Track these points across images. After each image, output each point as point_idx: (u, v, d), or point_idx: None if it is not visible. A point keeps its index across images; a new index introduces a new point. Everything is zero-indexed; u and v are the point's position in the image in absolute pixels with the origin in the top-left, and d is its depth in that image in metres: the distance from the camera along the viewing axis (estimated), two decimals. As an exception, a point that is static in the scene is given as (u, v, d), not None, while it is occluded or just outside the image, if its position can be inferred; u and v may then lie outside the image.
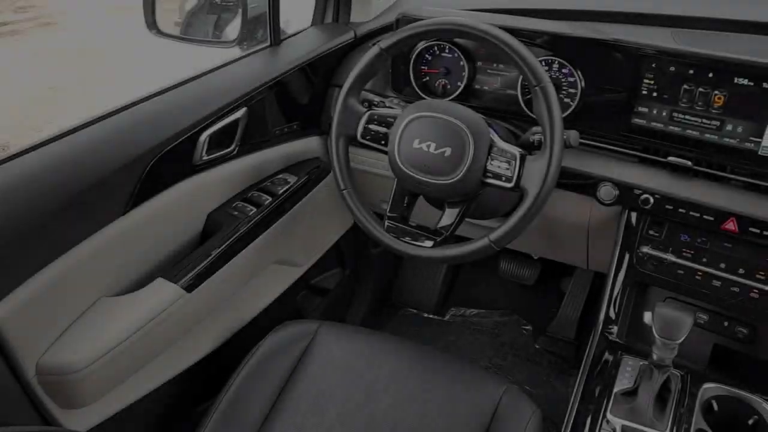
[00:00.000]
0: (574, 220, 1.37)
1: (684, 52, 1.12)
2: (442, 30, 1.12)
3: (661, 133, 1.17)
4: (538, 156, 1.07)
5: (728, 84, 1.08)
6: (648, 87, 1.16)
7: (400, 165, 1.14)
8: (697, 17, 1.33)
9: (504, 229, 1.08)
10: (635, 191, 1.22)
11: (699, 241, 1.20)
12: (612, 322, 1.28)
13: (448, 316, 2.18)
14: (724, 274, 1.17)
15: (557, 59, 1.24)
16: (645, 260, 1.25)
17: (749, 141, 1.09)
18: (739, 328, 1.24)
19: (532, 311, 2.15)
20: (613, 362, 1.20)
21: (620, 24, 1.38)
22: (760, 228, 1.12)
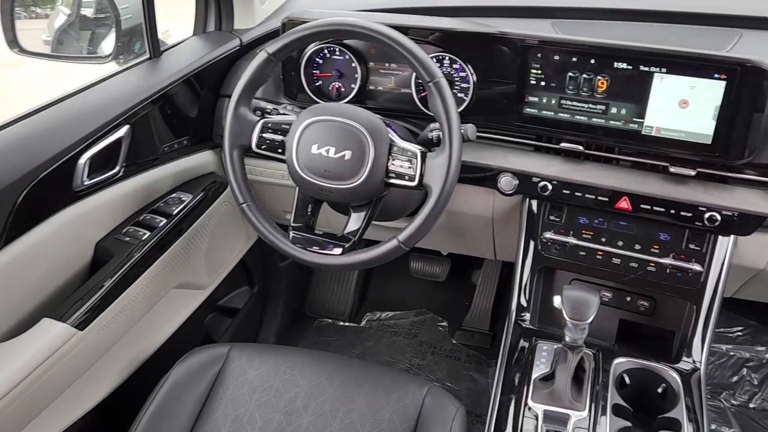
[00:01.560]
0: (478, 212, 1.39)
1: (565, 40, 1.16)
2: (330, 31, 1.10)
3: (551, 120, 1.20)
4: (439, 152, 1.07)
5: (609, 69, 1.12)
6: (536, 77, 1.18)
7: (300, 172, 1.10)
8: (575, 7, 1.38)
9: (412, 229, 1.06)
10: (533, 179, 1.25)
11: (596, 221, 1.24)
12: (524, 310, 1.31)
13: (364, 322, 2.15)
14: (623, 252, 1.22)
15: (448, 55, 1.24)
16: (549, 245, 1.28)
17: (633, 122, 1.14)
18: (640, 302, 1.29)
19: (446, 307, 2.17)
20: (528, 349, 1.21)
21: (505, 18, 1.41)
22: (650, 204, 1.18)
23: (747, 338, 1.88)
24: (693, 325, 1.19)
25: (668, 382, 1.14)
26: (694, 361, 1.19)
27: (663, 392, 1.14)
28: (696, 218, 1.15)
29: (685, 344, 1.20)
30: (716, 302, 1.18)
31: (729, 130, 1.07)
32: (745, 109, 1.05)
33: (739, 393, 1.78)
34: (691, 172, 1.14)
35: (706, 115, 1.08)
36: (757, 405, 1.76)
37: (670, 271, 1.19)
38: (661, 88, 1.10)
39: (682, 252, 1.19)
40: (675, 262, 1.18)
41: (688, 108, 1.09)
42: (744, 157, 1.08)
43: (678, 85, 1.09)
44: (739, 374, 1.82)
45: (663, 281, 1.20)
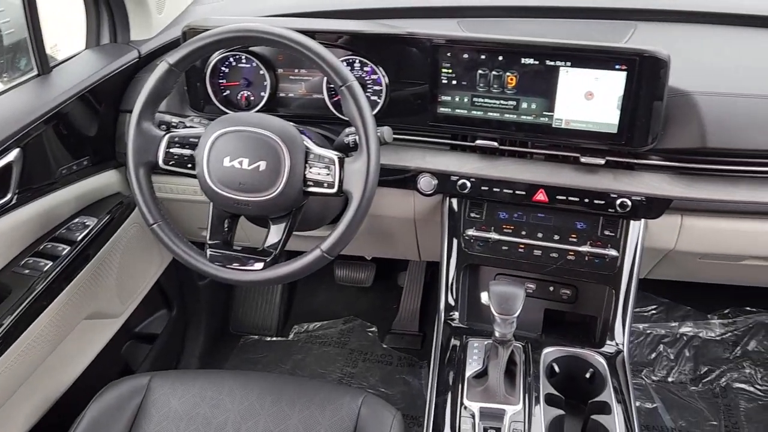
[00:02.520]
0: (400, 215, 1.38)
1: (473, 39, 1.17)
2: (234, 38, 1.05)
3: (465, 118, 1.21)
4: (356, 157, 1.05)
5: (517, 65, 1.14)
6: (447, 76, 1.19)
7: (213, 187, 1.05)
8: (480, 6, 1.40)
9: (335, 237, 1.04)
10: (452, 178, 1.25)
11: (516, 216, 1.26)
12: (452, 309, 1.31)
13: (292, 335, 2.10)
14: (543, 243, 1.25)
15: (358, 58, 1.23)
16: (472, 243, 1.28)
17: (543, 116, 1.16)
18: (563, 291, 1.33)
19: (374, 312, 2.15)
20: (460, 347, 1.21)
21: (413, 19, 1.42)
22: (565, 195, 1.21)
23: (661, 315, 1.97)
24: (613, 308, 1.23)
25: (595, 366, 1.17)
26: (617, 343, 1.23)
27: (591, 377, 1.17)
28: (608, 205, 1.19)
29: (608, 328, 1.24)
30: (633, 284, 1.22)
31: (632, 119, 1.11)
32: (645, 98, 1.10)
33: (658, 369, 1.87)
34: (601, 161, 1.18)
35: (611, 105, 1.12)
36: (674, 378, 1.85)
37: (588, 258, 1.22)
38: (567, 82, 1.13)
39: (598, 239, 1.22)
40: (592, 249, 1.22)
41: (593, 99, 1.13)
42: (648, 144, 1.13)
43: (582, 77, 1.12)
44: (656, 351, 1.91)
45: (582, 268, 1.23)
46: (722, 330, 1.93)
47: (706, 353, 1.89)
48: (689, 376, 1.85)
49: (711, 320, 1.95)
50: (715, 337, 1.92)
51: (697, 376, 1.85)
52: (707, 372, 1.85)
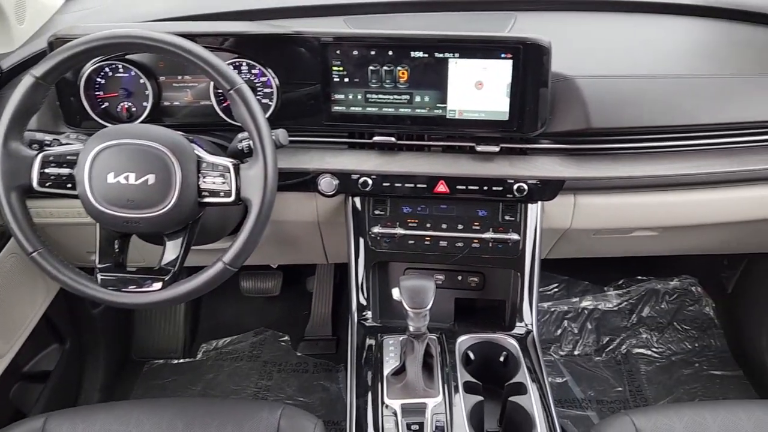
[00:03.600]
0: (303, 219, 1.35)
1: (361, 35, 1.16)
2: (107, 45, 0.98)
3: (361, 116, 1.20)
4: (252, 162, 1.01)
5: (407, 59, 1.14)
6: (338, 74, 1.17)
7: (98, 206, 0.98)
8: (366, 3, 1.39)
9: (237, 247, 0.99)
10: (353, 176, 1.23)
11: (419, 209, 1.27)
12: (364, 308, 1.29)
13: (200, 355, 2.01)
14: (448, 234, 1.26)
15: (245, 61, 1.18)
16: (378, 240, 1.27)
17: (437, 108, 1.17)
18: (471, 278, 1.35)
19: (285, 321, 2.10)
20: (376, 346, 1.20)
21: (298, 18, 1.39)
22: (465, 184, 1.22)
23: (563, 293, 2.06)
24: (520, 291, 1.27)
25: (508, 349, 1.20)
26: (526, 324, 1.26)
27: (505, 360, 1.19)
28: (506, 191, 1.22)
29: (516, 310, 1.27)
30: (536, 266, 1.26)
31: (522, 105, 1.14)
32: (532, 84, 1.13)
33: (564, 344, 1.95)
34: (495, 149, 1.20)
35: (500, 94, 1.15)
36: (580, 351, 1.94)
37: (492, 244, 1.25)
38: (457, 73, 1.14)
39: (499, 224, 1.25)
40: (495, 235, 1.24)
41: (483, 89, 1.15)
42: (538, 129, 1.17)
43: (471, 68, 1.14)
44: (561, 327, 1.99)
45: (488, 255, 1.26)
46: (618, 300, 2.05)
47: (606, 324, 2.00)
48: (593, 347, 1.95)
49: (608, 292, 2.06)
50: (612, 307, 2.04)
51: (600, 346, 1.95)
52: (609, 341, 1.96)
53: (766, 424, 1.03)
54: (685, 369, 1.87)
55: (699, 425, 1.04)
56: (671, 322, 2.00)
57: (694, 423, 1.04)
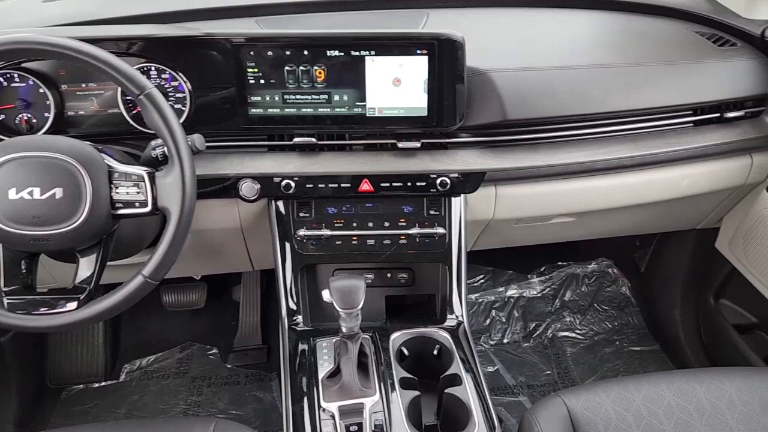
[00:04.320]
0: (225, 226, 1.31)
1: (275, 35, 1.13)
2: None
3: (279, 117, 1.17)
4: (168, 170, 0.97)
5: (324, 58, 1.13)
6: (254, 76, 1.14)
7: (0, 226, 0.91)
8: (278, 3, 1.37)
9: (157, 259, 0.95)
10: (274, 180, 1.21)
11: (345, 209, 1.26)
12: (295, 313, 1.27)
13: (123, 376, 1.91)
14: (375, 232, 1.26)
15: (154, 65, 1.14)
16: (304, 243, 1.26)
17: (356, 106, 1.17)
18: (400, 275, 1.35)
19: (213, 333, 2.04)
20: (309, 351, 1.18)
21: (209, 20, 1.35)
22: (389, 181, 1.23)
23: (489, 283, 2.11)
24: (449, 283, 1.28)
25: (441, 342, 1.21)
26: (456, 316, 1.28)
27: (439, 353, 1.20)
28: (430, 186, 1.23)
29: (446, 303, 1.29)
30: (463, 258, 1.28)
31: (440, 100, 1.16)
32: (448, 79, 1.15)
33: (493, 333, 2.00)
34: (417, 145, 1.21)
35: (418, 90, 1.16)
36: (509, 339, 1.99)
37: (419, 239, 1.26)
38: (374, 70, 1.14)
39: (425, 219, 1.26)
40: (422, 230, 1.25)
41: (401, 85, 1.15)
42: (456, 123, 1.18)
43: (388, 65, 1.14)
44: (490, 317, 2.04)
45: (415, 250, 1.27)
46: (542, 287, 2.12)
47: (532, 310, 2.06)
48: (521, 334, 2.00)
49: (531, 280, 2.13)
50: (536, 294, 2.10)
51: (527, 332, 2.00)
52: (535, 327, 2.02)
53: (684, 392, 1.09)
54: (607, 347, 1.95)
55: (625, 399, 1.08)
56: (592, 303, 2.09)
57: (620, 397, 1.09)
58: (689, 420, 1.06)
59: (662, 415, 1.06)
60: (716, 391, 1.10)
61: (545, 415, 1.07)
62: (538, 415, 1.07)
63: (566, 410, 1.08)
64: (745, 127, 1.37)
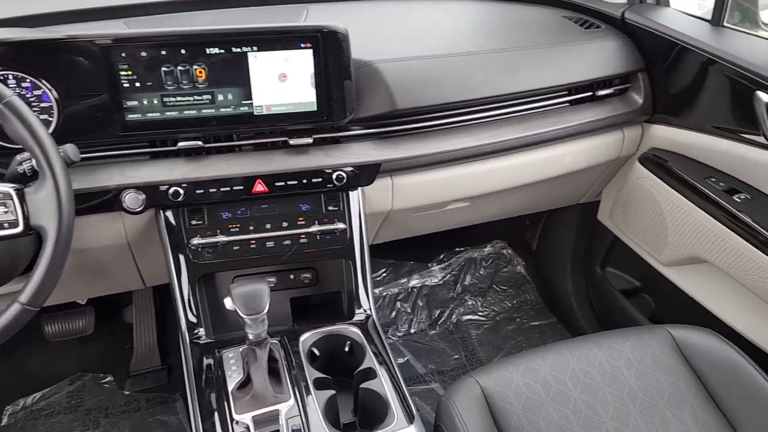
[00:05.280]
0: (110, 242, 1.22)
1: (148, 34, 1.06)
2: None
3: (161, 122, 1.11)
4: (39, 185, 0.88)
5: (203, 56, 1.08)
6: (128, 79, 1.07)
7: None
8: (148, 3, 1.30)
9: (35, 283, 0.86)
10: (161, 188, 1.14)
11: (240, 212, 1.21)
12: (196, 326, 1.21)
13: (5, 419, 1.74)
14: (273, 233, 1.22)
15: (11, 73, 1.03)
16: (200, 251, 1.19)
17: (242, 105, 1.12)
18: (303, 275, 1.32)
19: (106, 360, 1.90)
20: (215, 364, 1.13)
21: (75, 23, 1.25)
22: (283, 180, 1.19)
23: (391, 276, 2.12)
24: (354, 278, 1.27)
25: (351, 338, 1.19)
26: (364, 310, 1.27)
27: (350, 349, 1.19)
28: (326, 181, 1.21)
29: (353, 298, 1.27)
30: (365, 251, 1.27)
31: (328, 94, 1.14)
32: (335, 72, 1.13)
33: (400, 325, 2.01)
34: (309, 140, 1.19)
35: (306, 84, 1.13)
36: (416, 329, 2.01)
37: (320, 236, 1.23)
38: (258, 67, 1.11)
39: (324, 216, 1.24)
40: (321, 227, 1.23)
41: (288, 81, 1.13)
42: (347, 116, 1.17)
43: (272, 60, 1.11)
44: (395, 309, 2.05)
45: (317, 248, 1.24)
46: (443, 274, 2.16)
47: (435, 298, 2.09)
48: (427, 322, 2.03)
49: (432, 268, 2.17)
50: (438, 282, 2.14)
51: (432, 320, 2.04)
52: (440, 314, 2.05)
53: (586, 357, 1.15)
54: (509, 325, 2.03)
55: (533, 371, 1.12)
56: (491, 285, 2.16)
57: (529, 370, 1.12)
58: (593, 382, 1.11)
59: (569, 381, 1.11)
60: (614, 352, 1.16)
61: (460, 397, 1.08)
62: (453, 397, 1.08)
63: (480, 389, 1.10)
64: (615, 103, 1.47)
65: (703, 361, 1.15)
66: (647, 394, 1.10)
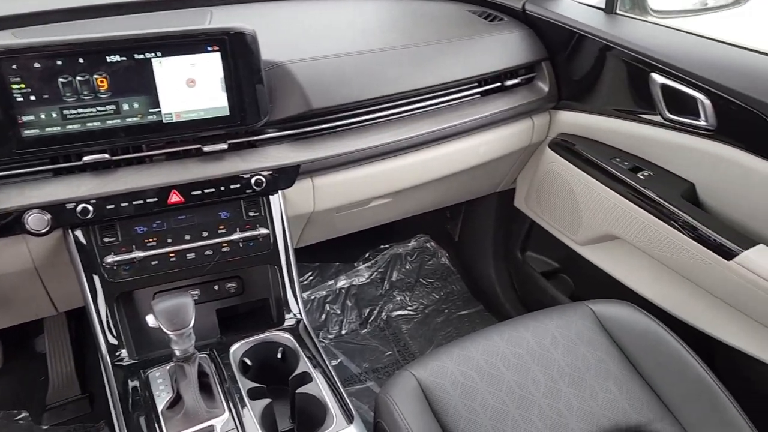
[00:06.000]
0: (14, 268, 1.14)
1: (36, 44, 0.99)
2: None
3: (62, 136, 1.04)
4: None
5: (104, 65, 1.03)
6: (21, 92, 1.00)
7: None
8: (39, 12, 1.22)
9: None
10: (67, 206, 1.08)
11: (155, 225, 1.16)
12: (117, 348, 1.15)
13: None
14: (193, 244, 1.17)
15: None
16: (115, 270, 1.14)
17: (150, 113, 1.08)
18: (229, 285, 1.28)
19: (18, 395, 1.78)
20: (142, 385, 1.08)
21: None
22: (200, 189, 1.15)
23: (318, 279, 2.10)
24: (281, 283, 1.25)
25: (283, 344, 1.17)
26: (295, 315, 1.25)
27: (283, 355, 1.17)
28: (244, 187, 1.18)
29: (282, 303, 1.25)
30: (291, 255, 1.25)
31: (240, 98, 1.11)
32: (245, 75, 1.11)
33: (331, 327, 2.00)
34: (224, 146, 1.16)
35: (216, 89, 1.10)
36: (347, 329, 2.00)
37: (242, 244, 1.20)
38: (164, 73, 1.06)
39: (246, 222, 1.21)
40: (244, 234, 1.20)
41: (197, 86, 1.09)
42: (261, 119, 1.15)
43: (178, 65, 1.07)
44: (324, 312, 2.03)
45: (241, 256, 1.21)
46: (369, 272, 2.16)
47: (364, 297, 2.09)
48: (357, 322, 2.03)
49: (358, 267, 2.16)
50: (366, 280, 2.14)
51: (363, 319, 2.03)
52: (370, 313, 2.05)
53: (515, 339, 1.18)
54: (438, 317, 2.05)
55: (466, 358, 1.14)
56: (417, 279, 2.18)
57: (462, 357, 1.14)
58: (524, 363, 1.14)
59: (500, 364, 1.14)
60: (540, 332, 1.20)
61: (397, 391, 1.09)
62: (390, 392, 1.08)
63: (416, 381, 1.10)
64: (523, 93, 1.52)
65: (623, 332, 1.21)
66: (575, 369, 1.14)
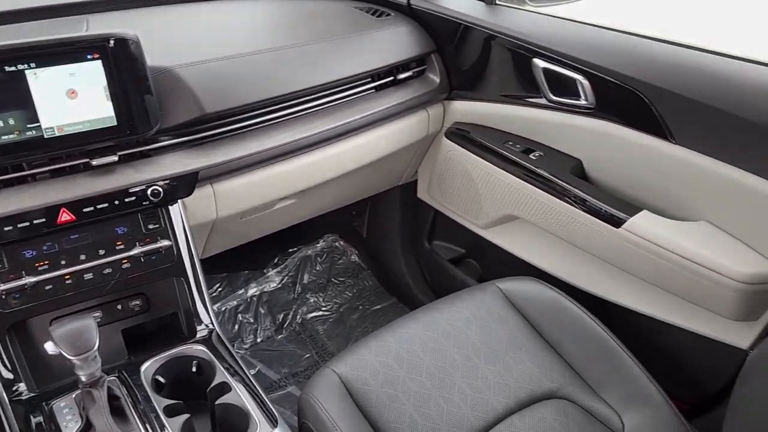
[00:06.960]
0: None
1: None
2: None
3: None
4: None
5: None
6: None
7: None
8: None
9: None
10: (-58, 236, 0.99)
11: (46, 247, 1.08)
12: (13, 382, 1.07)
13: None
14: (90, 264, 1.11)
15: None
16: (4, 299, 1.05)
17: (29, 129, 1.01)
18: (133, 303, 1.22)
19: None
20: (46, 418, 1.01)
21: None
22: (92, 205, 1.10)
23: (228, 289, 2.05)
24: (189, 295, 1.21)
25: (197, 356, 1.14)
26: (206, 326, 1.21)
27: (198, 368, 1.13)
28: (141, 199, 1.13)
29: (192, 315, 1.21)
30: (197, 265, 1.21)
31: (127, 106, 1.07)
32: (131, 82, 1.06)
33: (245, 336, 1.95)
34: (114, 158, 1.11)
35: (100, 98, 1.05)
36: (262, 337, 1.96)
37: (144, 258, 1.15)
38: (40, 85, 1.00)
39: (145, 236, 1.16)
40: (144, 248, 1.15)
41: (79, 97, 1.04)
42: (153, 127, 1.10)
43: (56, 76, 1.01)
44: (237, 322, 1.98)
45: (143, 271, 1.16)
46: (280, 277, 2.13)
47: (277, 302, 2.06)
48: (272, 328, 1.99)
49: (268, 273, 2.13)
50: (277, 286, 2.11)
51: (278, 325, 2.00)
52: (284, 318, 2.02)
53: (429, 324, 1.21)
54: (353, 314, 2.06)
55: (384, 348, 1.16)
56: (329, 279, 2.18)
57: (380, 348, 1.16)
58: (440, 346, 1.17)
59: (418, 350, 1.16)
60: (454, 314, 1.24)
61: (320, 390, 1.09)
62: (313, 391, 1.08)
63: (337, 378, 1.11)
64: (416, 85, 1.55)
65: (530, 306, 1.27)
66: (489, 346, 1.19)
